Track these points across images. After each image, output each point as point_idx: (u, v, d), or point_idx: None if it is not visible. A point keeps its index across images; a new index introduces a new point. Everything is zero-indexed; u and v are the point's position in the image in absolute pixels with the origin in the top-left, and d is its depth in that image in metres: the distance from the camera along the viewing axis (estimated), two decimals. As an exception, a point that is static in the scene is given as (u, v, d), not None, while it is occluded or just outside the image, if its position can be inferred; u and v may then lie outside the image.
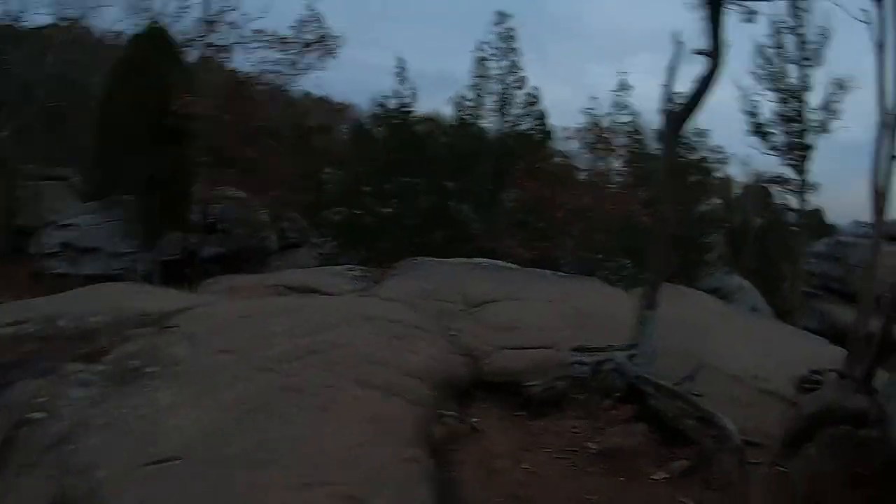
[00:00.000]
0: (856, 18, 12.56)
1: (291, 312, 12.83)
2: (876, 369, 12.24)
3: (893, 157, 12.73)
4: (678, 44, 11.85)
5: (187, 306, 13.47)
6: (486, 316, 14.21)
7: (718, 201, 57.00)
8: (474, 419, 10.33)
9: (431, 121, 34.52)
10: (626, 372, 10.34)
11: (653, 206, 22.81)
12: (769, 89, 28.01)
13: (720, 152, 31.00)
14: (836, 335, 26.57)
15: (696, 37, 11.22)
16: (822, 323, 27.04)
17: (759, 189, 43.08)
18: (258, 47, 28.79)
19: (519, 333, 13.16)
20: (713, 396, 10.64)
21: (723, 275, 33.12)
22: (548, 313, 14.39)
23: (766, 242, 45.27)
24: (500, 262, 19.87)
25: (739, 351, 13.57)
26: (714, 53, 11.25)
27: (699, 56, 11.42)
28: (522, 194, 24.74)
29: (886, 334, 12.12)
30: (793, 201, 29.63)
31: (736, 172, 36.29)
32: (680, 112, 11.58)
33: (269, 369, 9.84)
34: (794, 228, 36.53)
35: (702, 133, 29.02)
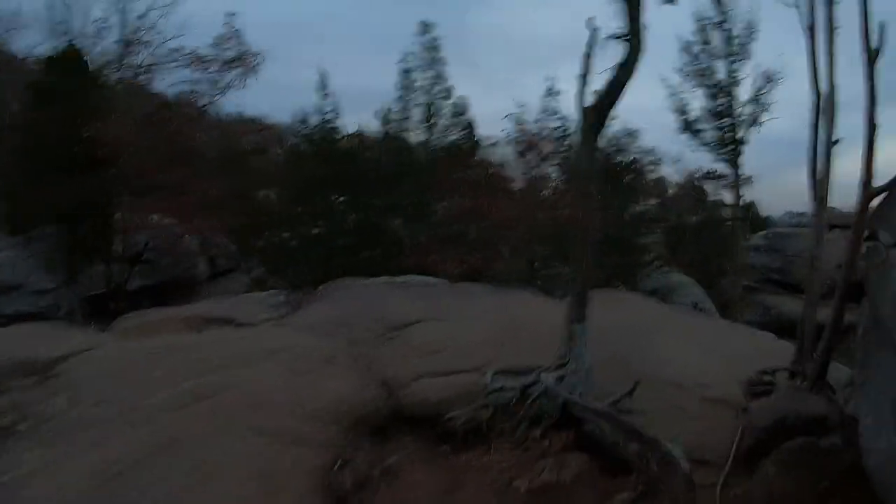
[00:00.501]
0: (784, 3, 12.20)
1: (189, 350, 11.65)
2: (829, 363, 11.49)
3: (835, 142, 12.18)
4: (593, 30, 10.78)
5: (80, 350, 12.26)
6: (407, 340, 13.02)
7: (654, 202, 58.40)
8: (391, 459, 9.07)
9: (356, 136, 33.17)
10: (556, 395, 9.05)
11: (576, 209, 22.09)
12: (697, 86, 27.68)
13: (653, 154, 30.27)
14: (781, 327, 26.11)
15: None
16: (765, 315, 26.50)
17: (694, 187, 42.96)
18: (177, 67, 27.13)
19: (442, 357, 11.98)
20: (657, 411, 9.73)
21: (661, 275, 32.41)
22: (475, 332, 13.24)
23: (702, 239, 45.51)
24: (429, 279, 18.70)
25: (682, 355, 12.56)
26: (632, 37, 10.18)
27: (618, 42, 10.37)
28: (450, 207, 23.51)
29: (837, 323, 11.31)
30: (728, 196, 29.41)
31: (670, 172, 35.72)
32: (599, 102, 10.42)
33: (147, 422, 8.59)
34: (729, 223, 36.40)
35: (632, 133, 28.46)
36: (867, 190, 10.34)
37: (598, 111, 10.45)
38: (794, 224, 49.15)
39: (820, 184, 12.19)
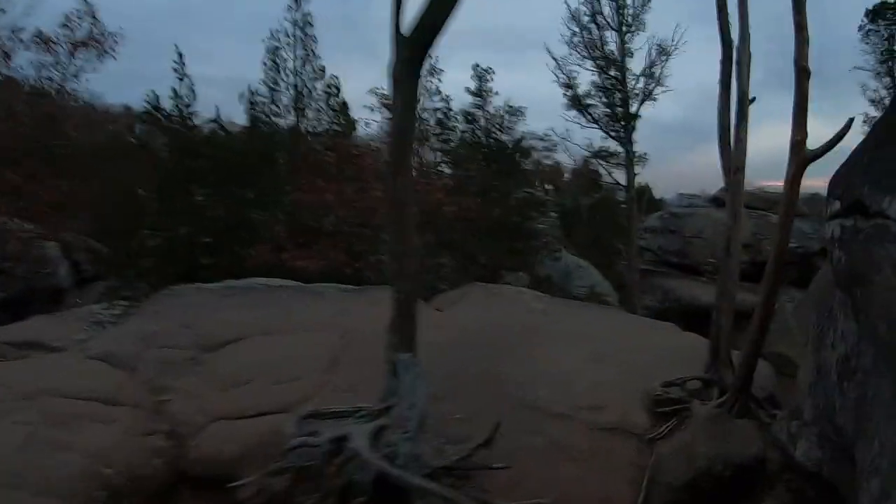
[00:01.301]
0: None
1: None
2: (755, 370, 9.35)
3: (751, 100, 10.02)
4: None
5: None
6: (219, 364, 10.17)
7: (549, 186, 56.67)
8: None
9: (214, 122, 29.72)
10: (367, 463, 6.12)
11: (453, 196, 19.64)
12: (587, 58, 25.43)
13: (547, 139, 27.85)
14: (682, 312, 24.49)
15: None
16: (664, 300, 24.64)
17: (587, 168, 41.49)
18: (22, 49, 23.26)
19: (252, 389, 9.22)
20: (530, 455, 7.38)
21: (553, 260, 30.41)
22: (304, 350, 10.49)
23: (597, 221, 44.18)
24: (276, 282, 15.73)
25: (570, 366, 10.04)
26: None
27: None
28: (306, 197, 20.40)
29: (765, 321, 9.13)
30: (620, 176, 27.19)
31: (565, 157, 33.62)
32: (419, 28, 7.27)
33: None
34: (623, 204, 34.82)
35: (517, 111, 26.24)
36: (800, 153, 8.12)
37: (418, 41, 7.24)
38: (686, 206, 48.45)
39: (735, 151, 10.01)
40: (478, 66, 25.72)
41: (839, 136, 7.58)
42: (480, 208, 21.96)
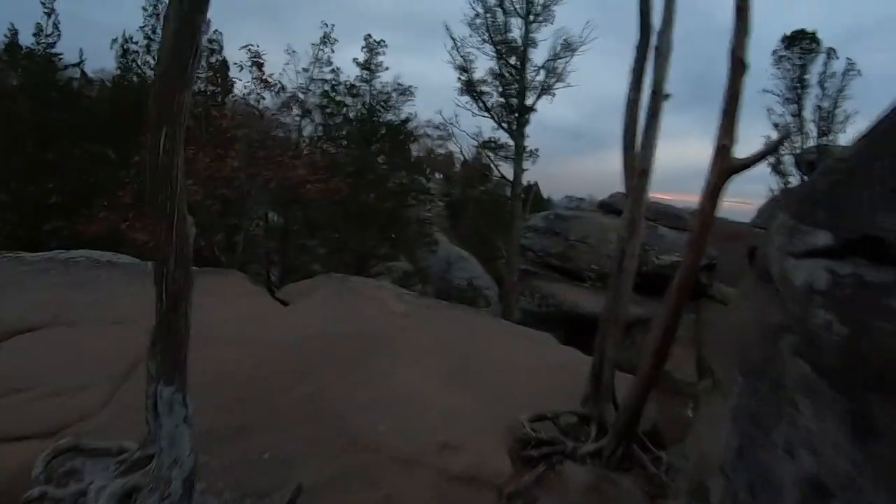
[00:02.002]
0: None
1: None
2: (643, 407, 8.00)
3: (666, 96, 8.49)
4: None
5: None
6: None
7: (439, 175, 55.59)
8: None
9: (77, 66, 26.61)
10: None
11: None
12: (487, 42, 23.63)
13: (442, 127, 25.98)
14: (560, 319, 23.46)
15: None
16: (543, 305, 23.34)
17: (478, 160, 40.17)
18: None
19: (22, 401, 7.03)
20: None
21: (429, 252, 28.84)
22: (105, 348, 8.35)
23: (481, 214, 43.07)
24: (111, 257, 13.38)
25: (421, 389, 8.38)
26: None
27: None
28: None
29: (664, 348, 7.76)
30: (507, 171, 25.64)
31: (455, 146, 31.78)
32: None
33: None
34: (509, 200, 33.44)
35: (405, 90, 24.32)
36: (725, 160, 6.63)
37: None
38: (573, 209, 47.61)
39: (642, 151, 8.50)
40: (369, 36, 23.78)
41: (773, 147, 6.22)
42: (351, 190, 20.06)
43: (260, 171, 15.99)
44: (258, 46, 18.83)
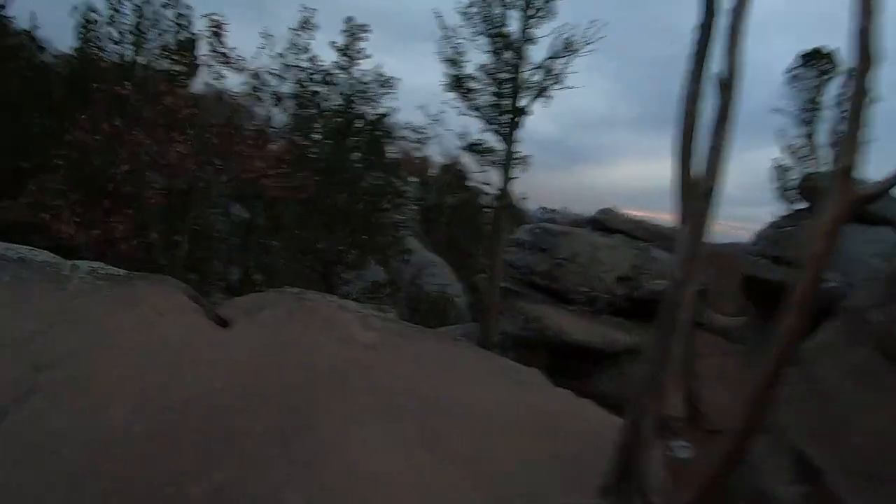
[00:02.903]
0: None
1: None
2: None
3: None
4: None
5: None
6: None
7: (414, 179, 53.66)
8: None
9: (27, 33, 24.11)
10: None
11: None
12: (481, 33, 21.12)
13: (420, 130, 23.57)
14: (545, 343, 21.33)
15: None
16: (526, 328, 21.09)
17: (455, 166, 38.44)
18: None
19: None
20: None
21: (402, 262, 26.83)
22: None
23: (458, 222, 41.42)
24: (20, 250, 10.92)
25: (382, 467, 6.24)
26: None
27: None
28: (88, 139, 14.76)
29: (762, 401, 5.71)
30: (494, 177, 22.95)
31: (435, 150, 29.34)
32: None
33: None
34: (486, 208, 31.17)
35: (386, 81, 22.00)
36: (847, 186, 4.58)
37: None
38: (545, 220, 45.62)
39: (710, 160, 6.38)
40: (350, 19, 21.50)
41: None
42: (319, 188, 17.85)
43: (212, 161, 13.64)
44: (220, 16, 16.50)
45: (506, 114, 20.41)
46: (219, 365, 7.59)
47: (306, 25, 22.27)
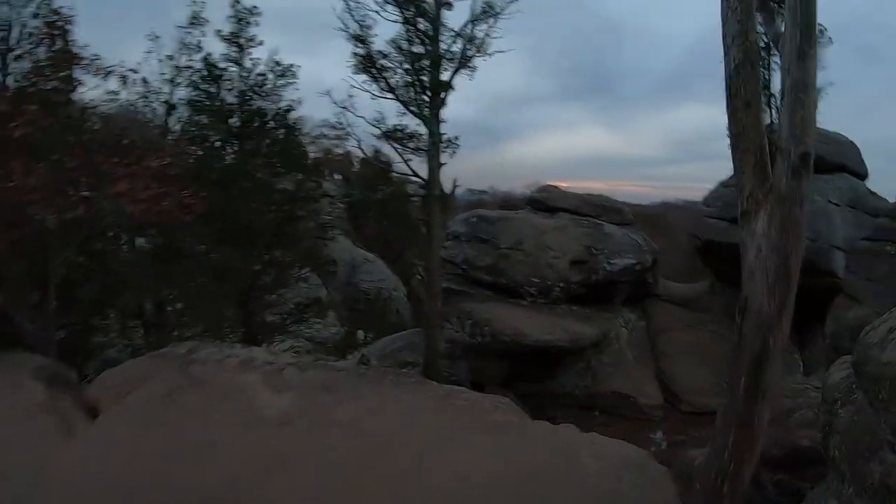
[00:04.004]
0: None
1: None
2: None
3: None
4: None
5: None
6: None
7: (338, 176, 51.12)
8: None
9: None
10: None
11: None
12: (388, 2, 17.53)
13: (339, 126, 20.53)
14: (504, 352, 18.73)
15: None
16: (476, 333, 18.49)
17: (376, 158, 36.27)
18: None
19: None
20: None
21: (328, 273, 24.27)
22: None
23: (387, 217, 39.63)
24: None
25: None
26: None
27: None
28: None
29: None
30: (420, 165, 19.83)
31: (354, 141, 26.48)
32: None
33: None
34: (413, 198, 28.44)
35: (285, 70, 18.92)
36: None
37: None
38: (474, 202, 43.48)
39: (800, 116, 4.07)
40: (237, 2, 18.39)
41: None
42: (218, 203, 15.06)
43: (64, 189, 10.59)
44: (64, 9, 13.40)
45: (425, 92, 17.56)
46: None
47: (196, 21, 19.37)
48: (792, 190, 4.32)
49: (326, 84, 25.32)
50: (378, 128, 18.18)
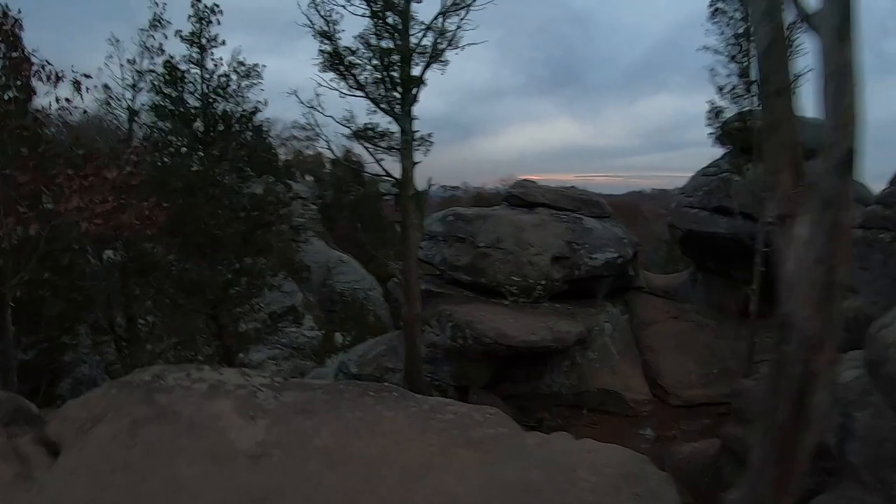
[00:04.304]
0: None
1: None
2: None
3: None
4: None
5: None
6: None
7: (309, 178, 50.60)
8: None
9: None
10: None
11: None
12: None
13: (309, 128, 19.60)
14: (486, 353, 17.73)
15: None
16: (458, 336, 17.72)
17: (348, 157, 36.08)
18: None
19: None
20: None
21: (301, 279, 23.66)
22: None
23: (359, 218, 40.21)
24: None
25: None
26: None
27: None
28: None
29: None
30: (392, 164, 18.86)
31: (324, 142, 25.68)
32: None
33: None
34: (386, 196, 28.11)
35: (249, 71, 18.02)
36: None
37: None
38: (448, 200, 43.02)
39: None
40: (198, 1, 17.57)
41: None
42: (181, 212, 14.43)
43: (16, 206, 9.86)
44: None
45: (396, 88, 16.84)
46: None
47: (158, 24, 18.56)
48: (836, 191, 3.80)
49: (295, 84, 24.50)
50: (348, 127, 17.34)
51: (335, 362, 20.93)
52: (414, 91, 16.76)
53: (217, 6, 17.57)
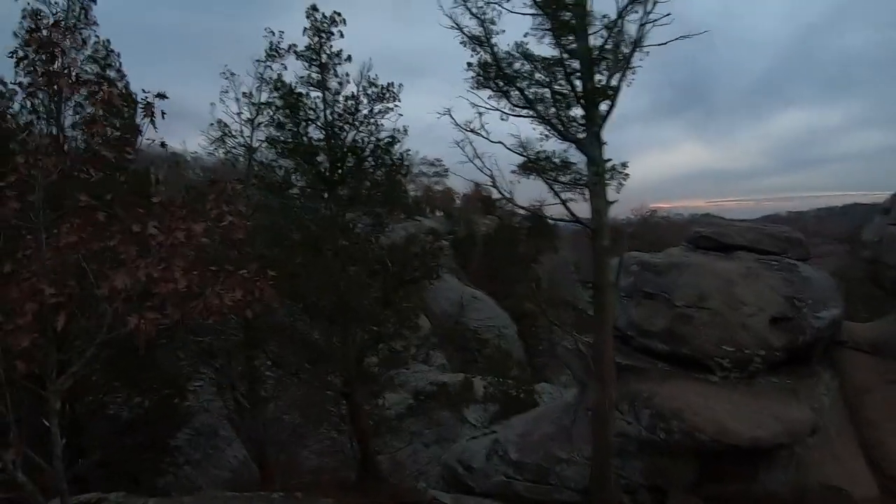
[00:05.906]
0: None
1: None
2: None
3: None
4: None
5: None
6: None
7: (439, 213, 49.63)
8: None
9: None
10: None
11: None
12: None
13: (437, 163, 16.40)
14: (696, 453, 13.68)
15: None
16: (660, 428, 12.90)
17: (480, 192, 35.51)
18: None
19: None
20: None
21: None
22: None
23: (494, 250, 41.20)
24: None
25: None
26: None
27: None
28: None
29: None
30: (574, 204, 14.73)
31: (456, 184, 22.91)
32: None
33: None
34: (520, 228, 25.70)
35: (384, 92, 14.35)
36: None
37: None
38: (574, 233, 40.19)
39: None
40: (315, 9, 14.35)
41: None
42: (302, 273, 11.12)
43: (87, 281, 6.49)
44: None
45: (577, 103, 12.55)
46: None
47: (275, 53, 16.15)
48: None
49: (419, 119, 20.77)
50: (525, 156, 13.09)
51: (488, 441, 16.92)
52: (603, 107, 12.45)
53: (339, 14, 14.32)
